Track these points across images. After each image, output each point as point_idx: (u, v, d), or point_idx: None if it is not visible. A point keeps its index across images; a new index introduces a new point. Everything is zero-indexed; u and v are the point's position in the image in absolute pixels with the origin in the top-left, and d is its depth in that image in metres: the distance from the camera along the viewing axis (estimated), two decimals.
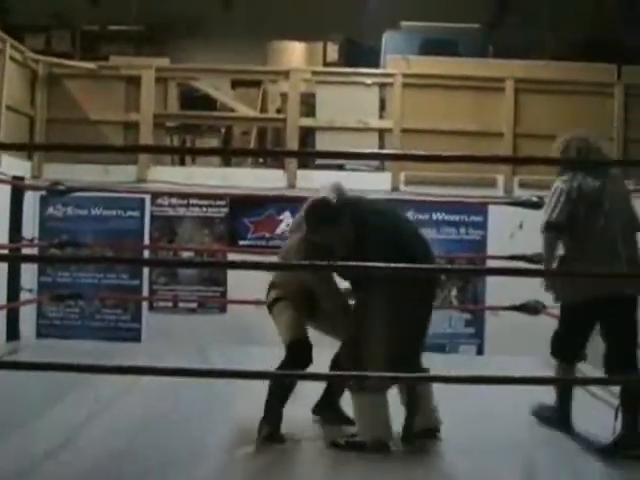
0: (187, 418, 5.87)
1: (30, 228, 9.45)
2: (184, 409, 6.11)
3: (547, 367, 7.81)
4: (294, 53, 12.58)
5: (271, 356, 6.36)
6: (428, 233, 9.55)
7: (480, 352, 9.44)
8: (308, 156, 9.64)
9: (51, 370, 5.97)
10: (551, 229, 6.11)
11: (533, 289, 7.72)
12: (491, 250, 9.45)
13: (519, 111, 9.94)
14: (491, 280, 9.35)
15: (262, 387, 5.55)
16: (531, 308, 8.42)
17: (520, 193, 9.34)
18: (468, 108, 9.97)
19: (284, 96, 10.51)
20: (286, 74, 10.29)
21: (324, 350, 5.65)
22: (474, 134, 9.74)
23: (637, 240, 5.92)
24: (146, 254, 10.08)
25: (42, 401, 6.12)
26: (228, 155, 10.49)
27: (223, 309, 9.67)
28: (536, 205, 8.37)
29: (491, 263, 9.26)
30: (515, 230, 9.47)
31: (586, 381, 6.80)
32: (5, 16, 13.03)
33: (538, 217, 8.28)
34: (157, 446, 5.17)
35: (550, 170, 9.06)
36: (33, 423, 5.57)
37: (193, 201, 9.79)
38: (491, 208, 9.54)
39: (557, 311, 8.42)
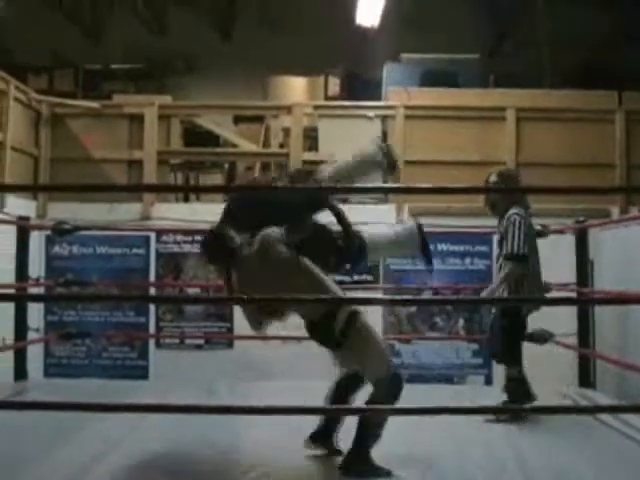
0: (196, 455, 5.84)
1: (36, 267, 9.46)
2: (193, 446, 6.08)
3: (556, 396, 7.83)
4: (295, 87, 12.65)
5: (279, 390, 6.39)
6: (434, 264, 9.59)
7: (488, 382, 9.40)
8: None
9: (59, 410, 6.01)
10: (522, 259, 6.95)
11: (540, 318, 7.76)
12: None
13: (521, 140, 9.97)
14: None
15: (270, 422, 5.53)
16: (539, 337, 8.39)
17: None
18: (470, 138, 10.00)
19: (286, 130, 10.56)
20: (288, 109, 10.34)
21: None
22: (477, 164, 9.75)
23: None
24: (152, 291, 10.09)
25: (50, 440, 6.10)
26: (232, 191, 10.50)
27: (230, 345, 9.66)
28: (540, 234, 8.37)
29: None
30: None
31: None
32: (8, 57, 13.11)
33: (543, 246, 8.35)
34: None
35: (553, 198, 9.14)
36: (41, 462, 5.56)
37: (198, 237, 9.79)
38: (495, 238, 9.53)
39: (566, 339, 8.50)
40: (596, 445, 6.14)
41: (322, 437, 5.78)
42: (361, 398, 5.55)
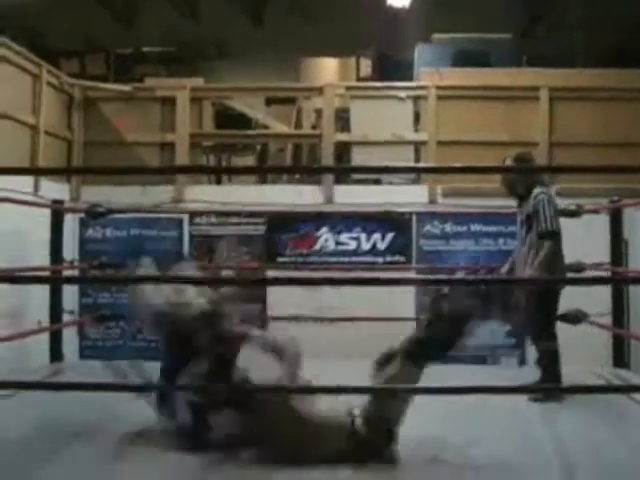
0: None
1: (70, 250, 9.52)
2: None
3: (590, 376, 7.80)
4: (327, 69, 12.62)
5: (316, 370, 6.38)
6: (466, 245, 9.58)
7: (522, 363, 9.38)
8: (345, 172, 9.65)
9: (95, 390, 6.05)
10: (556, 236, 7.04)
11: (574, 298, 7.72)
12: None
13: (554, 120, 9.91)
14: None
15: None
16: (573, 317, 8.35)
17: (558, 202, 9.28)
18: (502, 118, 9.95)
19: (318, 112, 10.55)
20: (320, 90, 10.32)
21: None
22: (509, 144, 9.69)
23: None
24: None
25: (87, 419, 6.15)
26: (265, 172, 10.54)
27: (264, 326, 9.68)
28: (574, 213, 8.33)
29: None
30: None
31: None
32: (40, 41, 13.16)
33: (576, 225, 8.31)
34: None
35: (587, 178, 9.09)
36: (77, 444, 5.59)
37: (231, 219, 9.83)
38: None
39: (601, 320, 8.45)
40: (630, 424, 6.11)
41: None
42: None
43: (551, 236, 6.98)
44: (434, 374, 5.32)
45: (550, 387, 6.70)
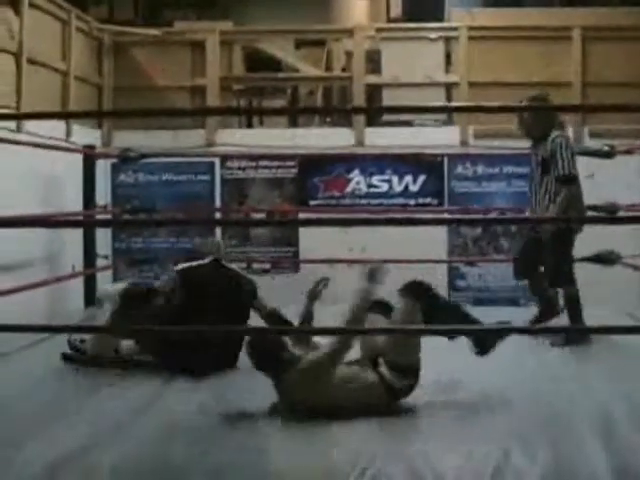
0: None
1: (102, 195, 9.58)
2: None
3: (623, 316, 7.79)
4: (357, 10, 12.50)
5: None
6: (499, 186, 9.54)
7: None
8: (376, 112, 9.64)
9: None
10: (574, 180, 6.98)
11: (607, 239, 7.69)
12: None
13: (587, 60, 9.80)
14: None
15: None
16: (605, 258, 8.31)
17: (590, 143, 9.23)
18: (535, 59, 9.84)
19: (349, 54, 10.48)
20: (350, 32, 10.25)
21: None
22: (542, 85, 9.60)
23: None
24: (217, 217, 10.17)
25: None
26: (297, 114, 10.49)
27: (296, 269, 9.73)
28: (608, 154, 8.28)
29: None
30: (586, 180, 9.36)
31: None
32: None
33: (610, 167, 8.29)
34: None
35: (620, 118, 9.03)
36: (110, 388, 5.65)
37: (262, 163, 9.84)
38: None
39: (633, 261, 8.41)
40: None
41: None
42: None
43: (569, 180, 6.91)
44: None
45: (581, 327, 6.68)
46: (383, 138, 9.72)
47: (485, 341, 5.30)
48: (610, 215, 7.97)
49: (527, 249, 7.42)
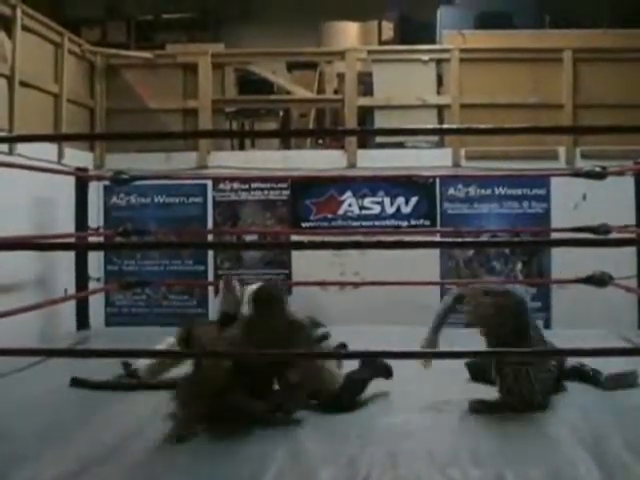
0: None
1: (95, 218, 9.57)
2: None
3: (616, 339, 7.80)
4: (349, 33, 12.54)
5: (339, 335, 6.42)
6: (491, 208, 9.56)
7: (547, 326, 9.35)
8: (368, 134, 9.65)
9: (122, 357, 6.11)
10: None
11: (600, 261, 7.71)
12: (555, 223, 9.38)
13: (578, 81, 9.82)
14: (556, 253, 9.29)
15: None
16: (598, 280, 8.33)
17: (582, 164, 9.25)
18: (526, 80, 9.87)
19: (341, 76, 10.50)
20: (342, 54, 10.27)
21: None
22: (533, 107, 9.66)
23: None
24: (210, 239, 10.17)
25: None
26: (289, 136, 10.52)
27: (289, 291, 9.71)
28: (599, 175, 8.29)
29: (555, 236, 9.17)
30: (579, 201, 9.40)
31: None
32: (61, 10, 13.15)
33: (602, 188, 8.28)
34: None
35: (612, 140, 9.05)
36: (107, 409, 5.65)
37: (254, 185, 9.84)
38: (554, 180, 9.46)
39: (625, 282, 8.42)
40: None
41: None
42: None
43: None
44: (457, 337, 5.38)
45: (573, 351, 6.65)
46: (375, 160, 9.74)
47: None
48: (602, 236, 7.99)
49: None
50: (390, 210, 9.72)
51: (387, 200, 9.72)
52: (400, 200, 9.69)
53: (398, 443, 4.77)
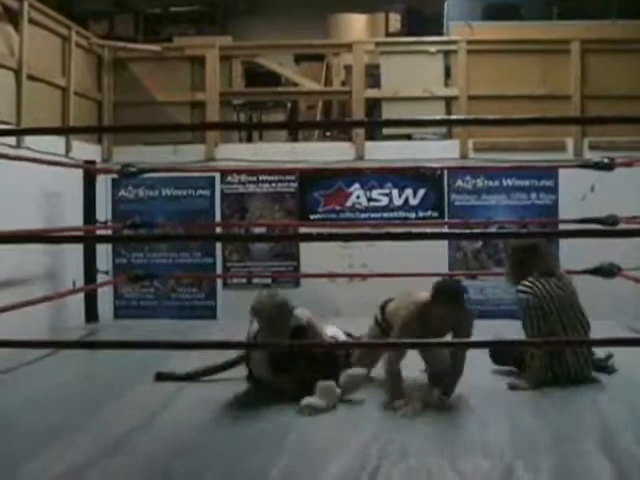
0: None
1: (103, 211, 9.58)
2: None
3: (624, 329, 7.79)
4: (356, 25, 12.52)
5: (348, 327, 6.42)
6: (499, 199, 9.54)
7: None
8: (376, 126, 9.63)
9: (131, 348, 6.11)
10: None
11: (608, 252, 7.70)
12: (563, 214, 9.36)
13: (586, 72, 9.80)
14: (564, 244, 9.27)
15: None
16: (606, 271, 8.33)
17: (590, 155, 9.24)
18: (534, 72, 9.86)
19: (348, 69, 10.50)
20: (349, 46, 10.26)
21: None
22: (541, 98, 9.64)
23: None
24: (218, 232, 10.18)
25: (126, 379, 6.21)
26: (297, 128, 10.53)
27: (296, 283, 9.72)
28: (608, 167, 8.27)
29: (563, 227, 9.15)
30: (587, 193, 9.38)
31: None
32: (68, 4, 13.13)
33: (610, 179, 8.27)
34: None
35: (620, 131, 9.03)
36: (117, 401, 5.66)
37: (263, 177, 9.84)
38: (561, 172, 9.44)
39: (633, 273, 8.40)
40: None
41: None
42: None
43: None
44: None
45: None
46: (383, 152, 9.73)
47: None
48: (610, 227, 7.97)
49: None
50: (398, 202, 9.71)
51: (395, 192, 9.72)
52: (408, 192, 9.69)
53: (408, 434, 4.78)
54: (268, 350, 5.73)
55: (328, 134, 10.98)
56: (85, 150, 9.36)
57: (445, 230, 9.72)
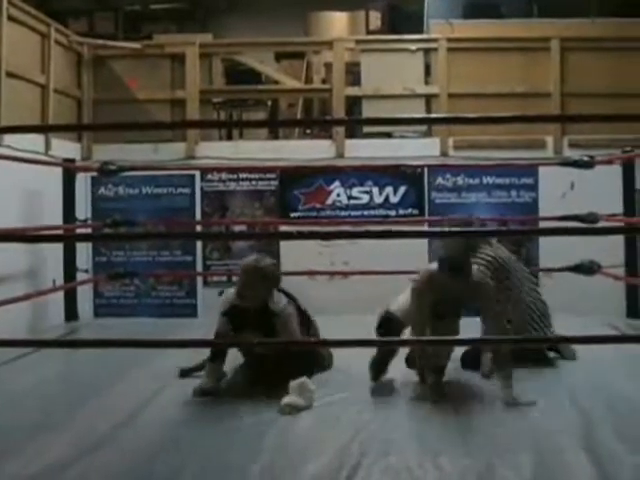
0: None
1: (83, 209, 9.54)
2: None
3: (604, 326, 7.81)
4: (336, 23, 12.52)
5: (328, 325, 6.42)
6: (479, 197, 9.57)
7: None
8: (356, 124, 9.64)
9: (111, 347, 6.10)
10: None
11: (588, 249, 7.72)
12: (543, 212, 9.39)
13: (566, 70, 9.84)
14: (545, 242, 9.31)
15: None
16: (586, 268, 8.36)
17: (570, 153, 9.27)
18: (514, 70, 9.89)
19: (328, 66, 10.51)
20: (330, 44, 10.27)
21: None
22: (521, 96, 9.68)
23: None
24: (198, 230, 10.16)
25: (104, 378, 6.19)
26: (278, 126, 10.52)
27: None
28: (587, 164, 8.31)
29: (544, 224, 9.18)
30: (567, 190, 9.42)
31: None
32: (48, 1, 13.08)
33: (590, 177, 8.29)
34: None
35: (600, 129, 9.06)
36: (97, 399, 5.64)
37: (243, 175, 9.83)
38: (542, 170, 9.48)
39: (613, 270, 8.44)
40: None
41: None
42: None
43: None
44: None
45: (562, 338, 6.66)
46: (363, 150, 9.73)
47: None
48: (590, 225, 8.00)
49: None
50: (378, 200, 9.73)
51: (375, 190, 9.73)
52: (388, 190, 9.71)
53: (389, 431, 4.78)
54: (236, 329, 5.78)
55: (308, 132, 10.98)
56: (65, 148, 9.32)
57: (425, 228, 9.72)
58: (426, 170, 9.67)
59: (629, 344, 6.13)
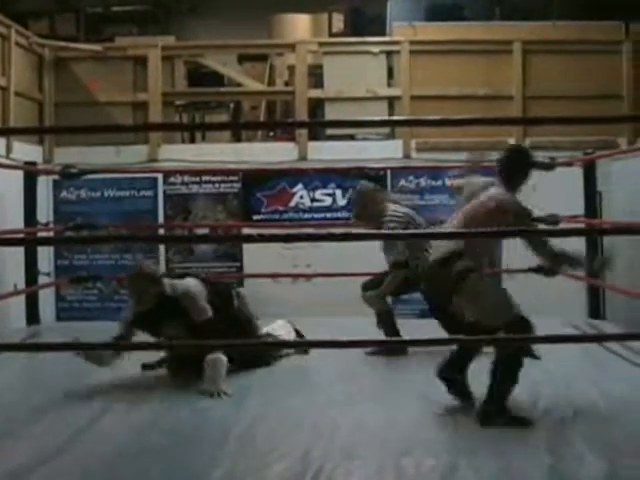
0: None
1: (44, 213, 9.47)
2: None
3: (566, 327, 7.86)
4: (299, 25, 12.51)
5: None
6: (442, 199, 9.59)
7: None
8: (319, 126, 9.65)
9: (72, 350, 6.04)
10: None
11: None
12: None
13: (528, 73, 9.92)
14: (507, 243, 9.32)
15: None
16: (548, 270, 8.39)
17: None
18: (476, 72, 9.95)
19: (291, 69, 10.51)
20: (292, 47, 10.27)
21: None
22: (483, 98, 9.74)
23: None
24: (161, 233, 10.12)
25: (66, 382, 6.15)
26: (240, 128, 10.51)
27: (240, 283, 9.69)
28: (548, 166, 8.34)
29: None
30: (529, 192, 9.43)
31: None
32: (8, 2, 12.98)
33: (552, 179, 8.33)
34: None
35: (561, 131, 9.12)
36: (59, 403, 5.60)
37: (205, 178, 9.81)
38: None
39: (577, 272, 8.48)
40: (607, 374, 6.16)
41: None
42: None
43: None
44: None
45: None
46: (326, 152, 9.75)
47: None
48: (551, 227, 8.04)
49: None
50: (342, 202, 9.74)
51: (339, 192, 9.75)
52: (352, 192, 9.71)
53: (352, 434, 4.78)
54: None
55: (271, 134, 10.98)
56: (26, 151, 9.26)
57: (388, 230, 9.72)
58: (389, 172, 9.68)
59: (590, 343, 6.19)
